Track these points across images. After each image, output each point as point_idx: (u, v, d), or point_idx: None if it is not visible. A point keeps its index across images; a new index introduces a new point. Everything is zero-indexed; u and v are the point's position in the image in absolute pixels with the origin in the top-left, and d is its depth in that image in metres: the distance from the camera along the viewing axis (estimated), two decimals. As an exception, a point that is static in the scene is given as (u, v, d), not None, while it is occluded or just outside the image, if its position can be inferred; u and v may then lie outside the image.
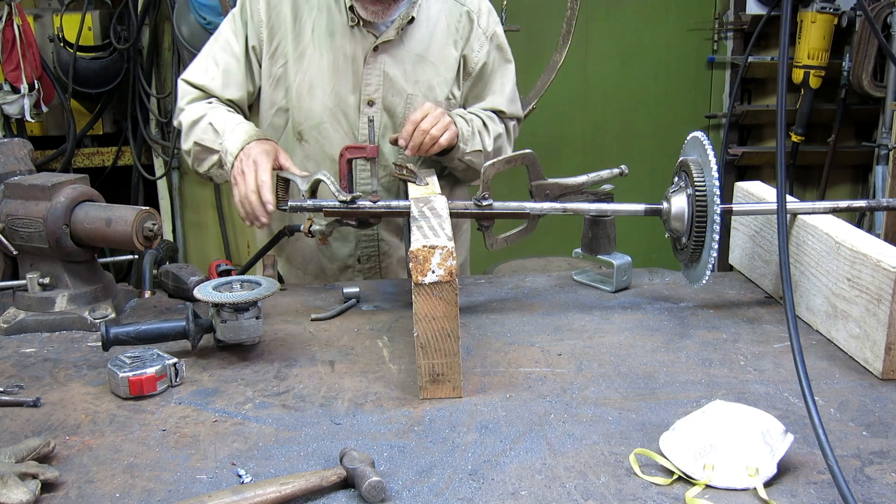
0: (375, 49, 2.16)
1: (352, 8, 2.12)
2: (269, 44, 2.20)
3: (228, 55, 2.22)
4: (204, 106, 2.19)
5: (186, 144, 2.19)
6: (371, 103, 2.20)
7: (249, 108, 2.30)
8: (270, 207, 1.93)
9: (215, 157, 2.14)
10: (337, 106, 2.20)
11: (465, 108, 2.31)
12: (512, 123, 2.40)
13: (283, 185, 2.03)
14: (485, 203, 1.93)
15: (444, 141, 2.08)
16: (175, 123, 2.28)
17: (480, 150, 2.23)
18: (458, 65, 2.26)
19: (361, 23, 2.13)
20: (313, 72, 2.18)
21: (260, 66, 2.23)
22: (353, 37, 2.16)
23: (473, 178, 2.30)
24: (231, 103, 2.23)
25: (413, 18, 2.17)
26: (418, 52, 2.20)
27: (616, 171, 2.01)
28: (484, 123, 2.27)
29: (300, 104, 2.21)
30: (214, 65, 2.22)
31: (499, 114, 2.35)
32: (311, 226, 1.96)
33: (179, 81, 2.28)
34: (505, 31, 2.38)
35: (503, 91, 2.35)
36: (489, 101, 2.34)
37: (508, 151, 2.31)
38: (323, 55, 2.17)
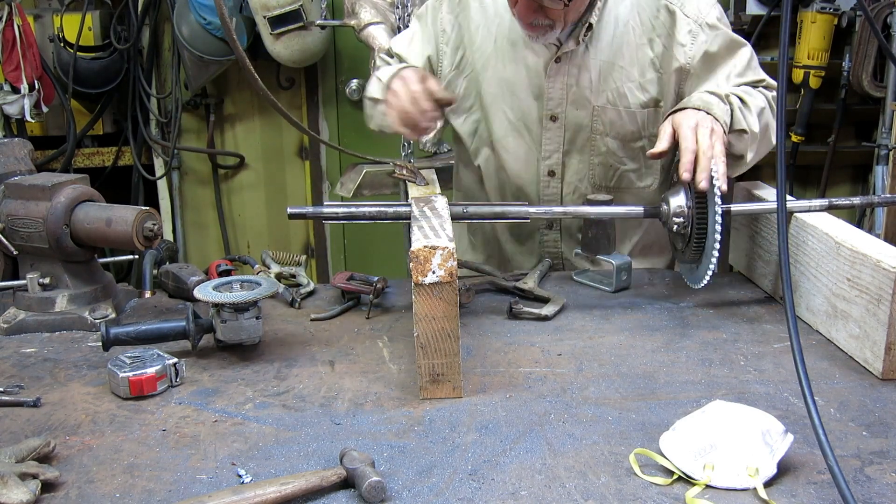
0: (557, 60, 2.04)
1: None
2: (451, 56, 2.17)
3: (413, 51, 2.20)
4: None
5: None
6: (554, 118, 2.10)
7: None
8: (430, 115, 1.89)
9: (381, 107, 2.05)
10: (520, 119, 2.13)
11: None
12: (771, 94, 2.02)
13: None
14: (485, 203, 1.93)
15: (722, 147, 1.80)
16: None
17: (744, 131, 1.89)
18: (656, 65, 2.04)
19: None
20: (497, 83, 2.12)
21: (434, 74, 2.15)
22: (535, 47, 2.05)
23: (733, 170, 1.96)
24: None
25: (591, 25, 1.99)
26: (606, 58, 2.03)
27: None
28: (742, 101, 1.93)
29: (489, 115, 2.16)
30: (411, 40, 2.22)
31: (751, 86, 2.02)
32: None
33: (379, 56, 2.31)
34: None
35: (742, 63, 2.02)
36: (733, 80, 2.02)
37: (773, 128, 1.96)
38: (506, 66, 2.10)
